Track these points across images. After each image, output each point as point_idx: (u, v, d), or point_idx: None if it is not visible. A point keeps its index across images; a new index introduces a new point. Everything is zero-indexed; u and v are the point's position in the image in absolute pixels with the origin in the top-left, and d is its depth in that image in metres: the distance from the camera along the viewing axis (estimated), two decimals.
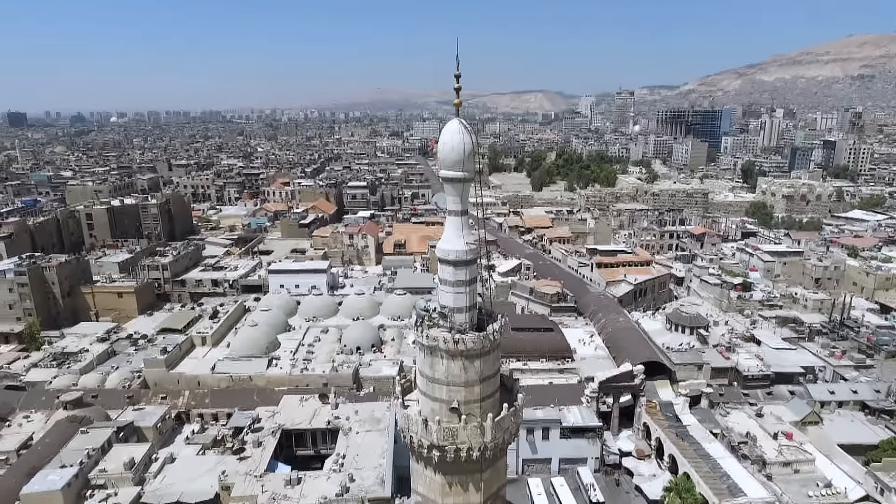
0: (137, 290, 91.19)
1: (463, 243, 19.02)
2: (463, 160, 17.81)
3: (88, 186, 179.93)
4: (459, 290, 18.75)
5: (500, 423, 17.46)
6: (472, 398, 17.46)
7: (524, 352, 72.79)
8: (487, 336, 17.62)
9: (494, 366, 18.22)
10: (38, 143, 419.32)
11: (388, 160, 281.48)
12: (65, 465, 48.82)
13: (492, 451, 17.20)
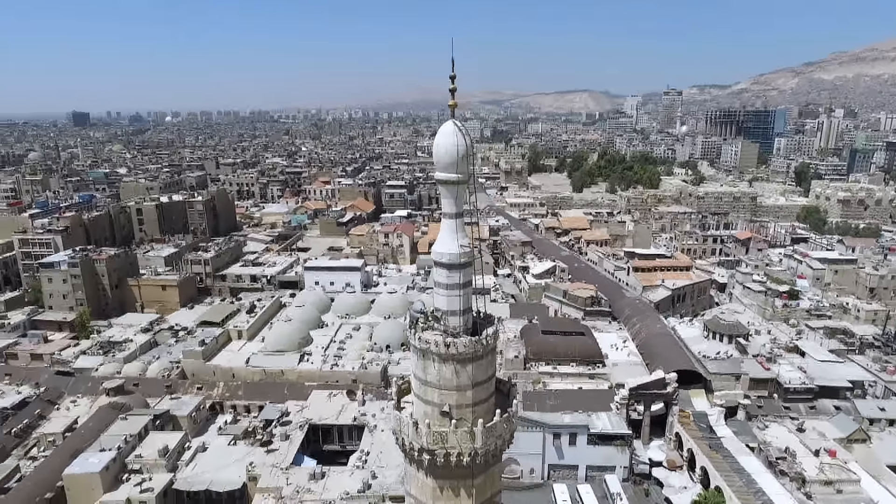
0: (180, 284, 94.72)
1: (457, 246, 18.85)
2: (457, 162, 17.63)
3: (141, 183, 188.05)
4: (453, 293, 18.58)
5: (491, 430, 17.20)
6: (464, 402, 17.26)
7: (554, 355, 71.76)
8: (480, 341, 17.37)
9: (488, 371, 17.96)
10: (98, 142, 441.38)
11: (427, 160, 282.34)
12: (104, 449, 51.16)
13: (483, 456, 16.95)
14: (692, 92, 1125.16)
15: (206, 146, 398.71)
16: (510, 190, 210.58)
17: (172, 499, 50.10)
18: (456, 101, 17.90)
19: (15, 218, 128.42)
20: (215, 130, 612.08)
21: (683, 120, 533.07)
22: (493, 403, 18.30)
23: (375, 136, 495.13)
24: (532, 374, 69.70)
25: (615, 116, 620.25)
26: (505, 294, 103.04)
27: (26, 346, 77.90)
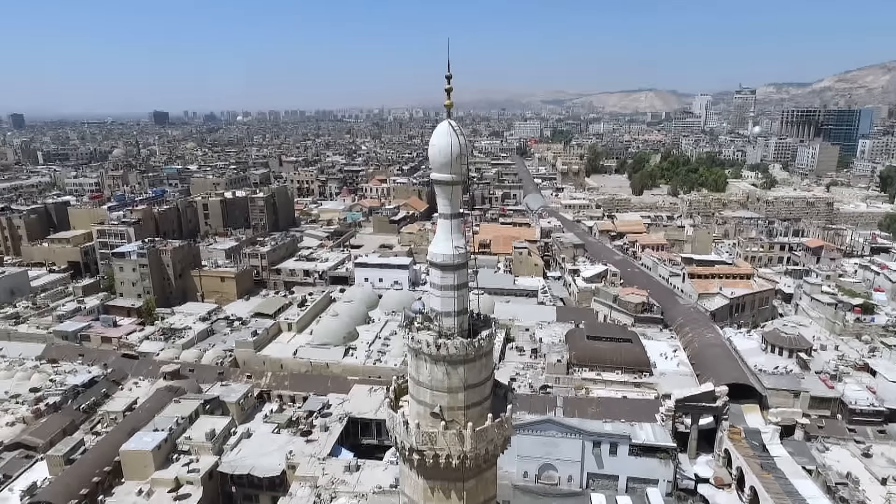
0: (237, 276, 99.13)
1: (451, 247, 18.66)
2: (451, 163, 17.43)
3: (209, 179, 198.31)
4: (447, 293, 18.42)
5: (482, 434, 16.91)
6: (456, 405, 17.08)
7: (599, 361, 69.98)
8: (472, 343, 17.12)
9: (481, 374, 17.67)
10: (174, 140, 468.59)
11: (483, 160, 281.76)
12: (158, 430, 54.28)
13: (473, 460, 16.71)
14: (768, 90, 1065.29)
15: (272, 144, 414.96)
16: (566, 191, 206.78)
17: (217, 480, 52.53)
18: (452, 100, 17.73)
19: (95, 210, 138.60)
20: (281, 129, 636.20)
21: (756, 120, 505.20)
22: (488, 407, 18.03)
23: None
24: (575, 380, 68.26)
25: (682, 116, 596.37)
26: (553, 297, 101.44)
27: (98, 330, 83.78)
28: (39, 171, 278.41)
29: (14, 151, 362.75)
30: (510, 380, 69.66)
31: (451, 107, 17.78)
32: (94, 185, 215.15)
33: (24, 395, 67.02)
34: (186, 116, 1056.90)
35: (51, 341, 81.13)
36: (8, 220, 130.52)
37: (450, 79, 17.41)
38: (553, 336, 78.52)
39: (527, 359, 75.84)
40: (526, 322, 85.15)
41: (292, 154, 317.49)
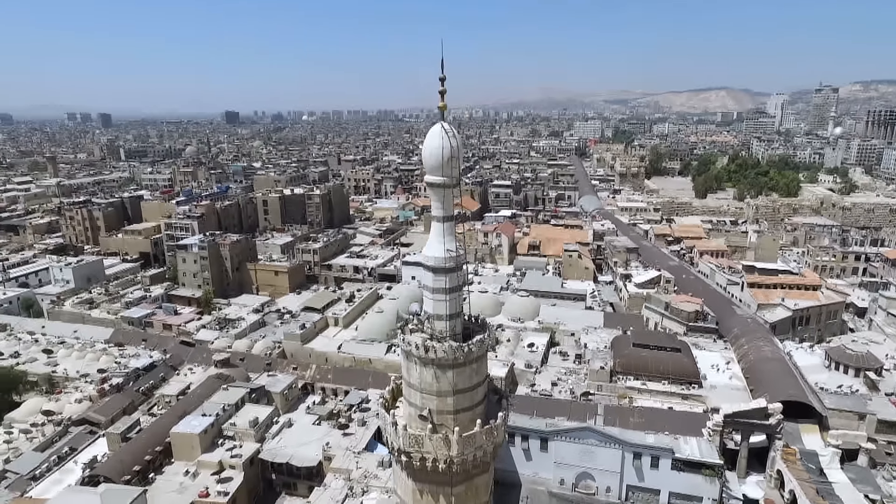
0: (290, 271, 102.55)
1: (443, 250, 18.37)
2: (442, 165, 17.16)
3: (271, 176, 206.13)
4: (439, 297, 18.14)
5: (470, 439, 16.58)
6: (445, 409, 16.80)
7: (644, 370, 67.56)
8: (461, 347, 16.79)
9: (472, 379, 17.31)
10: (243, 138, 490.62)
11: (539, 160, 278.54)
12: (205, 415, 56.94)
13: (460, 465, 16.40)
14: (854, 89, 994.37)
15: (333, 143, 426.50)
16: (623, 193, 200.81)
17: (258, 466, 54.57)
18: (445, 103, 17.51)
19: (165, 204, 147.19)
20: (343, 129, 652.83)
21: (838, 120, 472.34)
22: (480, 413, 17.69)
23: (491, 136, 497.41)
24: (618, 388, 66.23)
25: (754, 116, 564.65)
26: (603, 302, 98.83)
27: (160, 317, 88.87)
28: (120, 167, 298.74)
29: (100, 149, 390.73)
30: (551, 384, 68.53)
31: (445, 109, 17.58)
32: (166, 180, 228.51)
33: (93, 374, 72.11)
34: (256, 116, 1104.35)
35: (118, 326, 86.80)
36: (88, 212, 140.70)
37: (443, 81, 17.23)
38: (598, 342, 76.51)
39: (570, 364, 74.25)
40: (572, 326, 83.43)
41: (351, 153, 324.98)
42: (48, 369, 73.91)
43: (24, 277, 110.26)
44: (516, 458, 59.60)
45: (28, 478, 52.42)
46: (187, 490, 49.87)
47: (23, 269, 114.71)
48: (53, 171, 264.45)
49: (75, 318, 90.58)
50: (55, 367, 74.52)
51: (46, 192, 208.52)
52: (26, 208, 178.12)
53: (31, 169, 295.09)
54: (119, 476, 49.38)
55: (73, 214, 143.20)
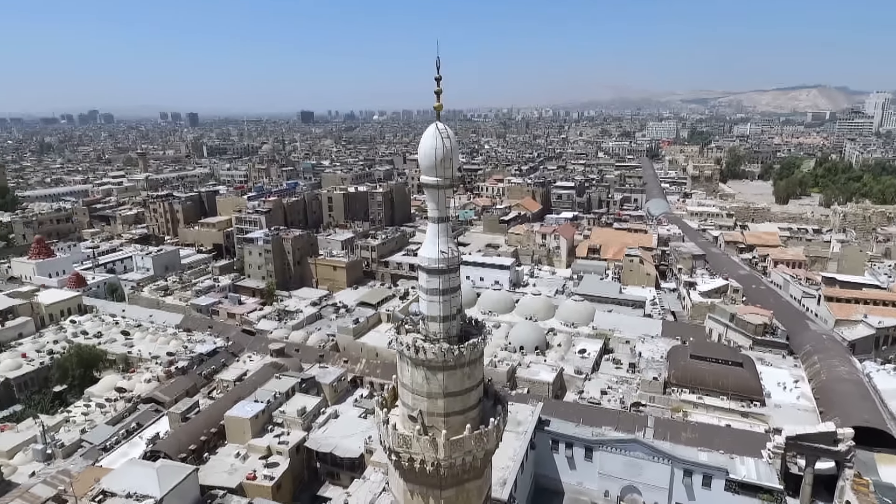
0: (348, 266, 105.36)
1: (436, 251, 18.05)
2: (435, 166, 16.88)
3: (338, 174, 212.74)
4: (432, 298, 17.87)
5: (458, 443, 16.18)
6: (436, 411, 16.52)
7: (701, 384, 64.19)
8: (452, 350, 16.43)
9: (464, 383, 16.90)
10: (316, 137, 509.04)
11: (607, 161, 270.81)
12: (258, 401, 59.49)
13: (447, 469, 16.06)
14: None
15: (401, 143, 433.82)
16: (694, 197, 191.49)
17: (303, 454, 56.41)
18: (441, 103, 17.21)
19: (237, 199, 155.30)
20: (412, 128, 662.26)
21: None
22: (474, 417, 17.29)
23: (560, 136, 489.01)
24: (671, 401, 63.30)
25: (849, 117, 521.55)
26: (663, 310, 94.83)
27: (226, 306, 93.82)
28: (202, 163, 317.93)
29: (186, 146, 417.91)
30: (600, 392, 66.56)
31: (441, 109, 17.35)
32: (242, 176, 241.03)
33: (162, 357, 77.14)
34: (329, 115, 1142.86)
35: (188, 313, 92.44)
36: (169, 205, 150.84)
37: (439, 80, 16.99)
38: (654, 351, 73.49)
39: (623, 373, 71.77)
40: (627, 334, 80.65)
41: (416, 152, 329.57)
42: (125, 350, 79.84)
43: (112, 264, 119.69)
44: (559, 466, 58.38)
45: (100, 448, 56.84)
46: (237, 472, 52.32)
47: (111, 256, 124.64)
48: (143, 167, 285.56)
49: (151, 304, 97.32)
50: (131, 349, 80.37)
51: (136, 185, 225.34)
52: (118, 200, 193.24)
53: (125, 164, 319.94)
54: (176, 453, 52.52)
55: (157, 207, 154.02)
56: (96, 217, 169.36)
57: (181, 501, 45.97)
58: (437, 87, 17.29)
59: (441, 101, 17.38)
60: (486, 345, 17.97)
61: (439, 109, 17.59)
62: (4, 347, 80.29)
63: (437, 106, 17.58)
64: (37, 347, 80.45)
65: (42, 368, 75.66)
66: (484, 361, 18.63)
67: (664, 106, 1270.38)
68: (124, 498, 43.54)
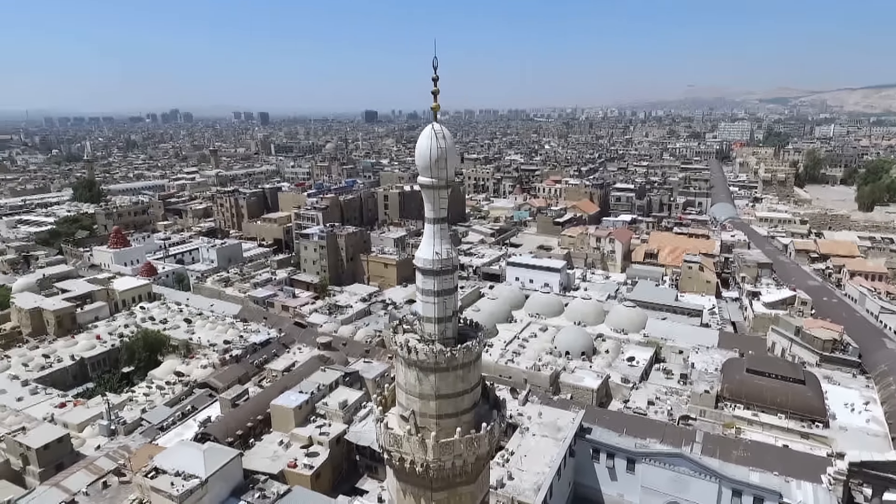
0: (398, 264, 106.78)
1: (431, 252, 17.77)
2: (430, 166, 16.63)
3: (395, 173, 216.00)
4: (428, 299, 17.63)
5: (447, 446, 15.84)
6: (428, 412, 16.26)
7: (758, 400, 60.64)
8: (443, 352, 16.13)
9: (456, 386, 16.53)
10: (378, 136, 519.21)
11: (672, 163, 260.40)
12: (302, 392, 61.34)
13: (436, 471, 15.76)
14: None
15: (460, 142, 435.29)
16: (764, 202, 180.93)
17: (343, 446, 57.64)
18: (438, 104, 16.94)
19: (297, 196, 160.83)
20: (472, 128, 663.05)
21: None
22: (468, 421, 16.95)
23: (624, 137, 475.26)
24: (724, 416, 60.17)
25: None
26: (722, 320, 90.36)
27: (281, 298, 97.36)
28: (269, 161, 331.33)
29: (255, 144, 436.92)
30: (647, 403, 64.20)
31: (438, 109, 17.10)
32: (305, 174, 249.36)
33: (219, 345, 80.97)
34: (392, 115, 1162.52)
35: (246, 304, 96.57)
36: (235, 201, 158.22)
37: (436, 81, 16.75)
38: (708, 363, 70.17)
39: (673, 384, 68.90)
40: (681, 343, 77.33)
41: (475, 151, 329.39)
42: (186, 336, 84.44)
43: (181, 255, 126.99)
44: (600, 476, 56.83)
45: (157, 427, 60.37)
46: (279, 459, 54.18)
47: (180, 247, 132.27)
48: (215, 163, 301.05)
49: (213, 294, 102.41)
50: (192, 335, 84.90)
51: (207, 181, 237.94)
52: (190, 195, 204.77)
53: (200, 161, 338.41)
54: (224, 437, 55.00)
55: (223, 202, 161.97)
56: (170, 210, 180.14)
57: (225, 483, 48.05)
58: (434, 88, 17.11)
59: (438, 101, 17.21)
60: (482, 348, 17.71)
61: (436, 110, 17.40)
62: (82, 329, 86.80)
63: (434, 106, 17.38)
64: (109, 330, 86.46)
65: (113, 350, 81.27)
66: (481, 365, 18.38)
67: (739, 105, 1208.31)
68: (173, 476, 45.96)
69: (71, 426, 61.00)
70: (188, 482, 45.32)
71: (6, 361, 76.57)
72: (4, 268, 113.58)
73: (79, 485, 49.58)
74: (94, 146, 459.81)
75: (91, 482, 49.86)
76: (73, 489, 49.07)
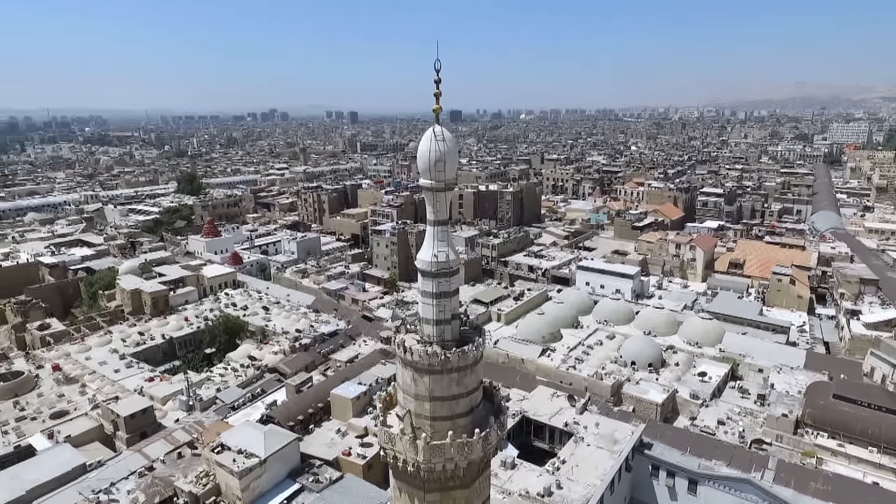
0: (466, 263, 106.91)
1: (430, 254, 17.49)
2: (429, 168, 16.35)
3: (472, 172, 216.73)
4: (426, 300, 17.38)
5: (437, 448, 15.48)
6: (423, 413, 16.02)
7: (845, 430, 55.11)
8: (437, 354, 15.81)
9: (451, 389, 16.14)
10: (460, 135, 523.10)
11: (770, 167, 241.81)
12: (361, 383, 63.28)
13: (427, 472, 15.48)
14: None
15: (543, 142, 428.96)
16: (877, 211, 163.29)
17: None
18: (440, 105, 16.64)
19: (375, 193, 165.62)
20: (557, 128, 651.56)
21: None
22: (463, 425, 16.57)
23: (719, 138, 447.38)
24: (803, 444, 55.26)
25: None
26: (813, 339, 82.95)
27: (352, 292, 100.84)
28: (354, 158, 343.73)
29: (343, 142, 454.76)
30: (717, 422, 60.27)
31: (440, 112, 16.85)
32: (386, 171, 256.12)
33: (291, 333, 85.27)
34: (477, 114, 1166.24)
35: (319, 295, 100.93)
36: (317, 196, 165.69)
37: (438, 83, 16.48)
38: (790, 384, 64.70)
39: (748, 404, 64.21)
40: (761, 361, 71.82)
41: (557, 151, 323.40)
42: (263, 323, 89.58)
43: (265, 246, 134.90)
44: (658, 495, 54.19)
45: (229, 407, 64.64)
46: (335, 446, 56.22)
47: (265, 239, 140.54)
48: (304, 160, 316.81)
49: (290, 284, 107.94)
50: (268, 322, 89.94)
51: (295, 177, 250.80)
52: (279, 190, 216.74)
53: (290, 158, 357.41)
54: (286, 421, 57.84)
55: (307, 197, 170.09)
56: (260, 203, 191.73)
57: (283, 464, 50.57)
58: (437, 90, 16.96)
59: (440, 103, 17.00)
60: (479, 353, 17.39)
61: (438, 112, 17.25)
62: (173, 311, 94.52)
63: (436, 109, 17.21)
64: (196, 313, 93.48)
65: (198, 332, 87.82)
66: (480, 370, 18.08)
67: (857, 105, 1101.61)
68: (235, 453, 49.01)
69: (156, 399, 66.66)
70: (248, 460, 48.13)
71: (109, 336, 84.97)
72: (115, 252, 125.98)
73: (157, 453, 54.15)
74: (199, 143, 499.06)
75: (168, 452, 54.32)
76: (153, 456, 53.68)
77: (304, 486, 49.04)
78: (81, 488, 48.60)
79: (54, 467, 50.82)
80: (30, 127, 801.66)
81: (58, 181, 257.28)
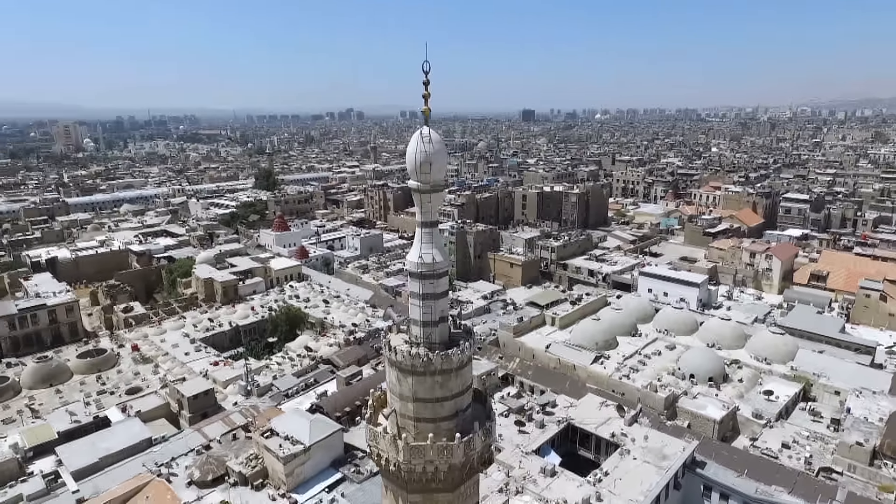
0: (524, 264, 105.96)
1: (416, 255, 17.15)
2: (416, 170, 16.09)
3: (539, 173, 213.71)
4: (414, 302, 17.12)
5: (417, 450, 15.15)
6: (407, 413, 15.77)
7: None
8: (419, 356, 15.52)
9: (434, 392, 15.76)
10: (531, 135, 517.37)
11: (869, 171, 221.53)
12: None
13: (407, 472, 15.24)
14: None
15: (617, 142, 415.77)
16: None
17: None
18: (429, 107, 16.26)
19: None
20: (633, 128, 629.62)
21: None
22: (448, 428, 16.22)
23: (812, 140, 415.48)
24: (880, 476, 50.50)
25: None
26: None
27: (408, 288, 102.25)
28: None
29: None
30: (781, 445, 56.18)
31: (428, 114, 16.59)
32: (453, 171, 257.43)
33: (348, 326, 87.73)
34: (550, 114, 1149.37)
35: (377, 291, 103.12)
36: (383, 194, 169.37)
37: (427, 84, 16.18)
38: (871, 410, 59.22)
39: (820, 428, 59.45)
40: (838, 383, 66.23)
41: (630, 152, 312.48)
42: (322, 316, 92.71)
43: (331, 241, 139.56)
44: None
45: (283, 394, 67.48)
46: None
47: (332, 234, 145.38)
48: (374, 158, 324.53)
49: (351, 279, 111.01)
50: (327, 315, 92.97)
51: (365, 175, 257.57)
52: (349, 187, 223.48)
53: (362, 156, 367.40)
54: (333, 411, 59.61)
55: (374, 194, 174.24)
56: (329, 200, 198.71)
57: (327, 453, 52.22)
58: (426, 92, 16.76)
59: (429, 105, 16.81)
60: (465, 357, 17.05)
61: (427, 114, 17.10)
62: (241, 300, 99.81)
63: (425, 110, 17.07)
64: (262, 303, 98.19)
65: (262, 321, 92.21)
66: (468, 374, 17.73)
67: None
68: (283, 439, 51.12)
69: (218, 382, 70.70)
70: (294, 447, 50.05)
71: (182, 321, 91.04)
72: (194, 242, 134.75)
73: (215, 433, 57.42)
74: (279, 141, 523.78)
75: (224, 433, 57.46)
76: (210, 436, 56.98)
77: (346, 476, 50.40)
78: (146, 460, 52.45)
79: (125, 439, 55.19)
80: (133, 126, 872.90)
81: (151, 175, 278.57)
